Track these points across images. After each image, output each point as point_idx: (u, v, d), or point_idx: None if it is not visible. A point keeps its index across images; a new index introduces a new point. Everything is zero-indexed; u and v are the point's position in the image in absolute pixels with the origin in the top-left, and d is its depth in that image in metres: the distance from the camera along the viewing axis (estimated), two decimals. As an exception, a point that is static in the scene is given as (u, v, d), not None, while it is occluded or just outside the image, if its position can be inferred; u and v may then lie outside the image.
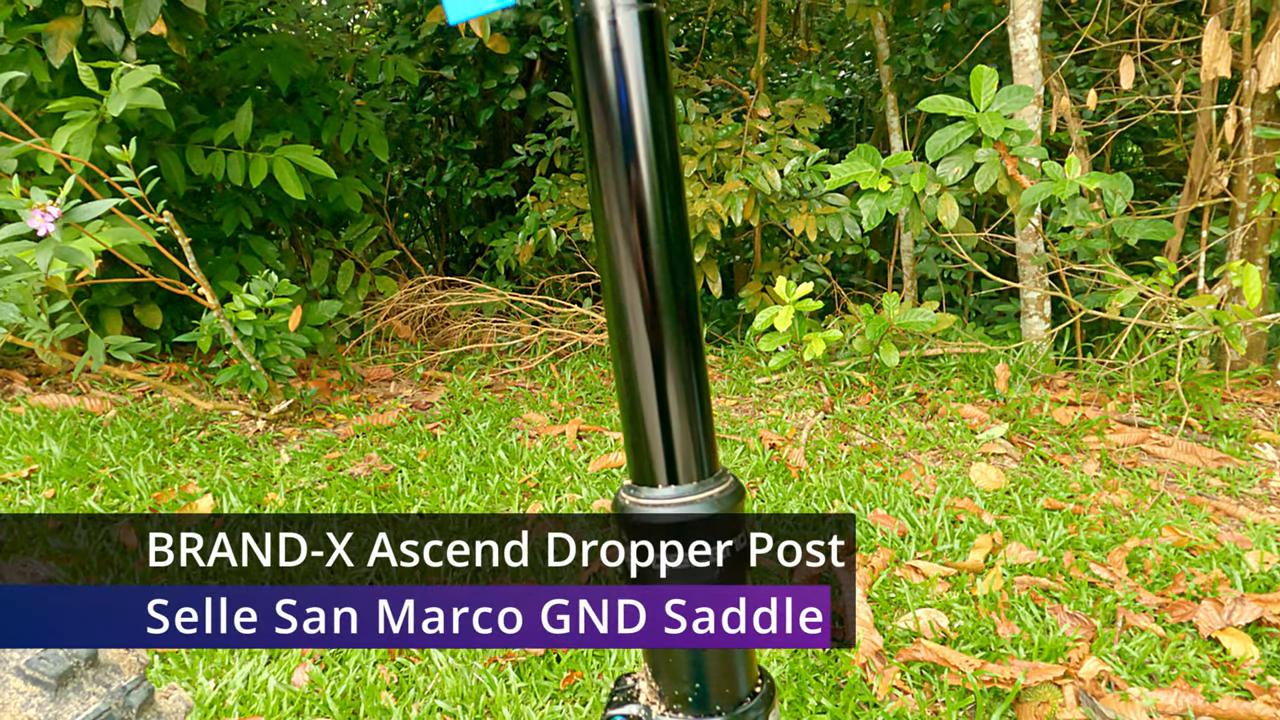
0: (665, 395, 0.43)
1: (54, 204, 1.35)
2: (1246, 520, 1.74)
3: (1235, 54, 2.43)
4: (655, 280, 0.41)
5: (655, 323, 0.41)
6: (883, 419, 2.27)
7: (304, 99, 2.91)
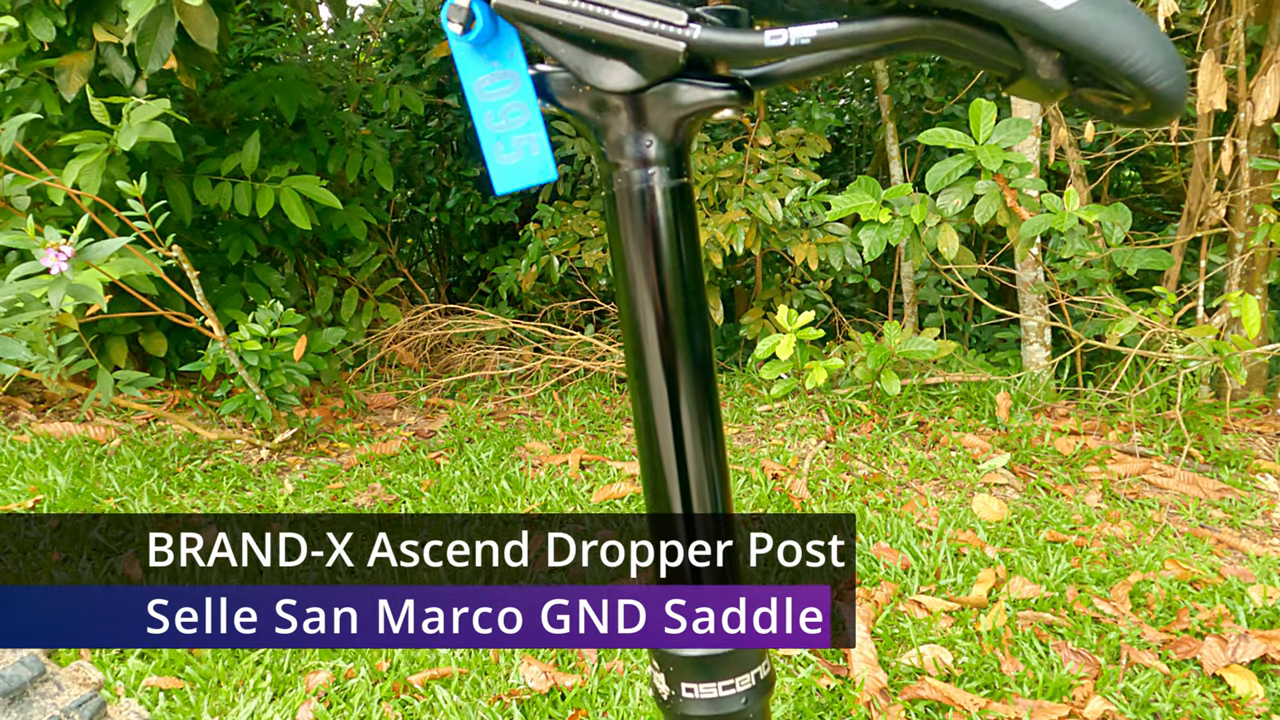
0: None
1: (67, 242, 1.37)
2: (1249, 553, 1.74)
3: (1230, 87, 2.46)
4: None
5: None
6: (885, 448, 2.28)
7: (310, 128, 2.94)
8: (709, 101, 0.39)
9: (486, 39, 0.38)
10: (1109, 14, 0.33)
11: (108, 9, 2.02)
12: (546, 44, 0.38)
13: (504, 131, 0.40)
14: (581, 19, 0.36)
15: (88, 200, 1.80)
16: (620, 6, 0.36)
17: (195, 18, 1.66)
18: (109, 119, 1.85)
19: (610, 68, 0.38)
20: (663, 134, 0.41)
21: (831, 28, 0.36)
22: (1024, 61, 0.35)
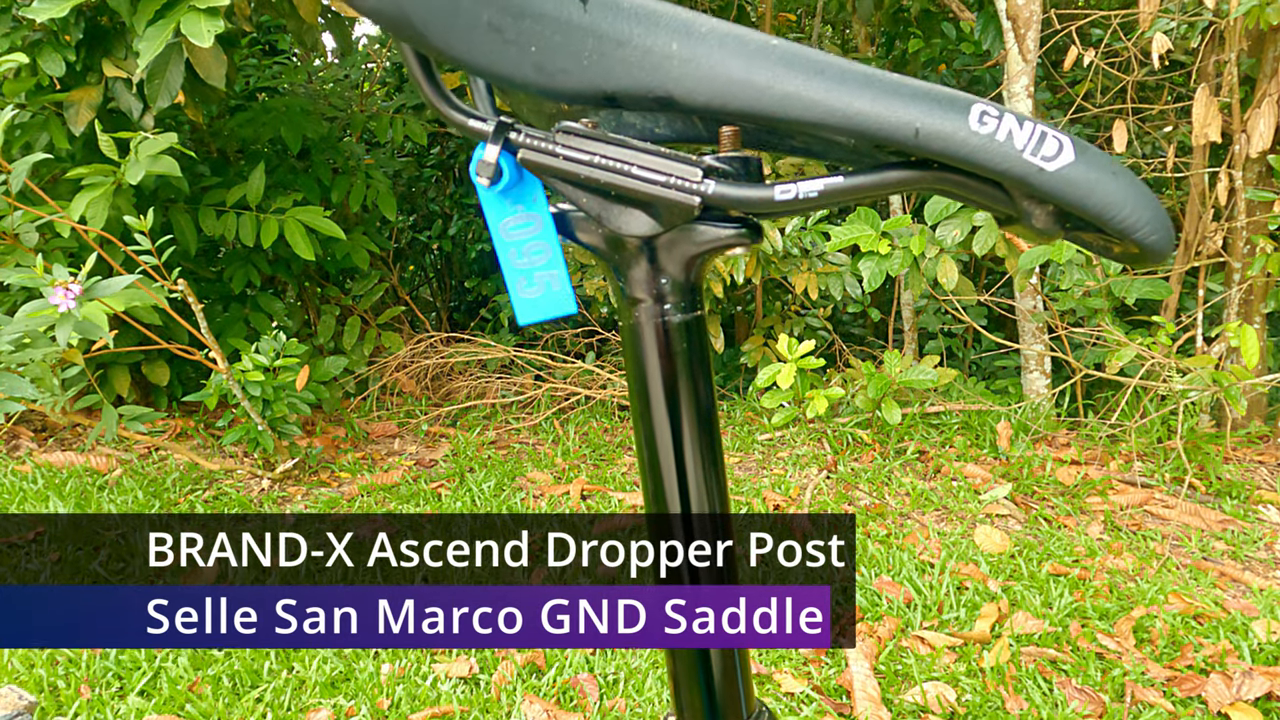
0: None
1: (75, 280, 1.38)
2: (1253, 586, 1.73)
3: (1225, 118, 2.49)
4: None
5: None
6: (886, 478, 2.28)
7: (314, 157, 2.97)
8: (720, 241, 0.41)
9: (512, 186, 0.39)
10: (1098, 174, 0.35)
11: (117, 45, 2.05)
12: (569, 193, 0.40)
13: (527, 268, 0.42)
14: (602, 174, 0.38)
15: (94, 234, 1.82)
16: (639, 163, 0.38)
17: (204, 57, 1.69)
18: (116, 153, 1.87)
19: (629, 215, 0.40)
20: (677, 272, 0.43)
21: (837, 181, 0.38)
22: (1019, 210, 0.37)
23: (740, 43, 0.36)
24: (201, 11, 1.52)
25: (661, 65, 0.36)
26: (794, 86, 0.36)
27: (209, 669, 1.45)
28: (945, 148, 0.35)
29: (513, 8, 0.32)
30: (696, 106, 0.36)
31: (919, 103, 0.36)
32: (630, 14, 0.35)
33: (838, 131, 0.36)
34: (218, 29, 1.50)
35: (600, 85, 0.36)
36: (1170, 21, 2.49)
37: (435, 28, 0.31)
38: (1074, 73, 3.39)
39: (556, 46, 0.34)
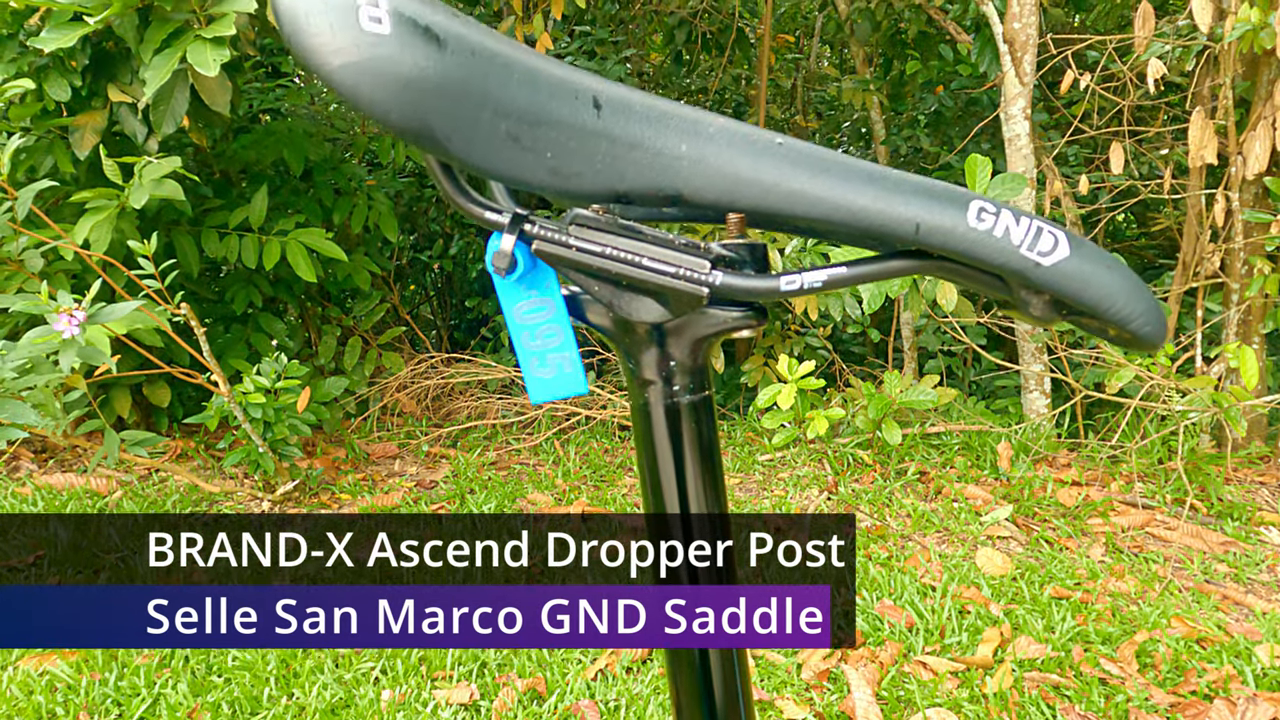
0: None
1: (79, 306, 1.39)
2: (1255, 609, 1.73)
3: (1221, 141, 2.51)
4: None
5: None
6: (887, 499, 2.28)
7: (317, 179, 2.99)
8: (728, 324, 0.43)
9: (526, 274, 0.40)
10: (1093, 267, 0.37)
11: (122, 70, 2.07)
12: (581, 281, 0.41)
13: (540, 350, 0.43)
14: (613, 264, 0.39)
15: (96, 258, 1.83)
16: (649, 255, 0.39)
17: (210, 84, 1.70)
18: (121, 177, 1.88)
19: (639, 303, 0.41)
20: (685, 355, 0.44)
21: (841, 271, 0.40)
22: (1017, 299, 0.39)
23: (747, 142, 0.37)
24: (208, 41, 1.54)
25: (671, 166, 0.37)
26: (800, 184, 0.37)
27: (209, 695, 1.44)
28: (945, 243, 0.37)
29: (530, 117, 0.33)
30: (705, 204, 0.38)
31: (920, 199, 0.37)
32: (642, 116, 0.36)
33: (842, 227, 0.38)
34: (224, 58, 1.52)
35: (613, 186, 0.37)
36: (1165, 46, 2.52)
37: (457, 140, 0.32)
38: (1071, 93, 3.42)
39: (571, 151, 0.35)
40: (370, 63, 0.30)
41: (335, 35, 0.29)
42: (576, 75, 0.35)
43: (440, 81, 0.31)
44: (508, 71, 0.33)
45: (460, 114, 0.32)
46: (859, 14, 3.46)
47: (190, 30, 1.64)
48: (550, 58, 0.36)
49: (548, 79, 0.34)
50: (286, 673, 1.50)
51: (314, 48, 0.30)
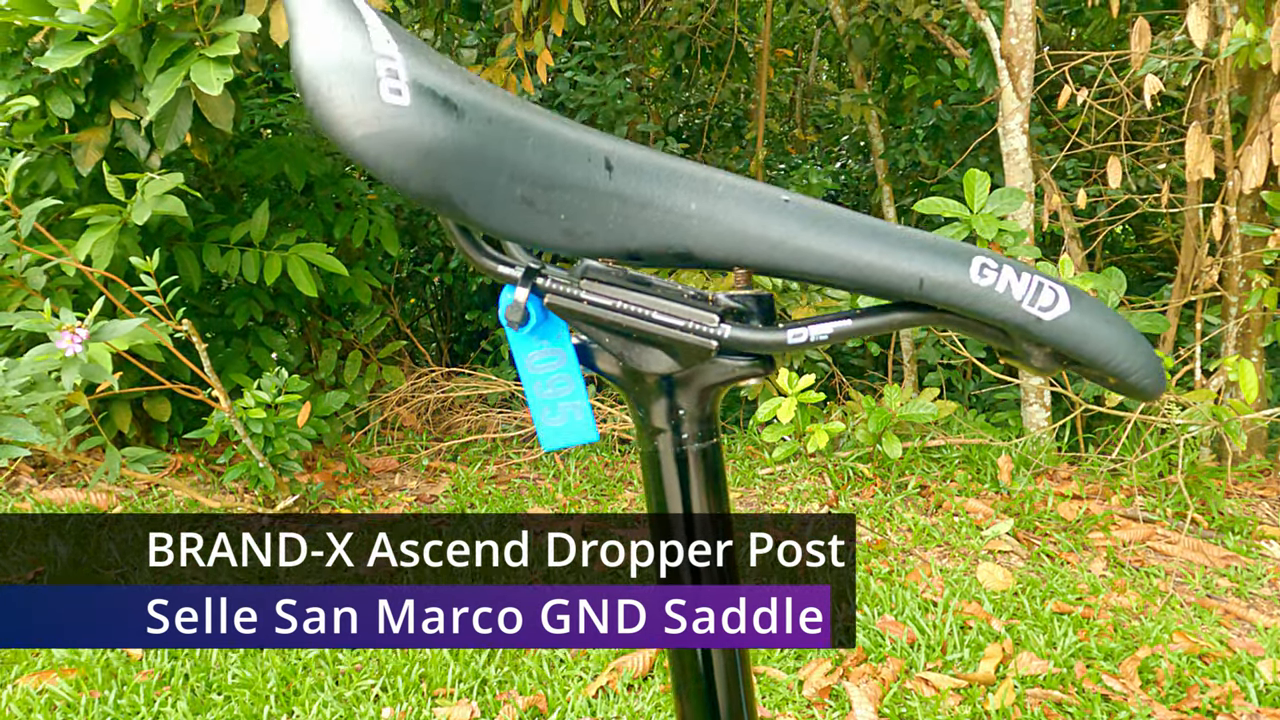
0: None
1: (82, 324, 1.39)
2: (1258, 625, 1.73)
3: (1218, 155, 2.52)
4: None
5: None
6: (888, 513, 2.27)
7: (317, 193, 3.00)
8: (736, 374, 0.44)
9: (538, 326, 0.41)
10: (1092, 321, 0.38)
11: (125, 87, 2.08)
12: (592, 333, 0.42)
13: (552, 399, 0.44)
14: (624, 318, 0.40)
15: (98, 274, 1.83)
16: (659, 309, 0.40)
17: (213, 102, 1.71)
18: (123, 194, 1.89)
19: (649, 354, 0.42)
20: (694, 404, 0.44)
21: (846, 324, 0.41)
22: (1019, 351, 0.40)
23: (755, 200, 0.39)
24: (211, 60, 1.55)
25: (681, 224, 0.38)
26: (806, 241, 0.38)
27: (208, 713, 1.43)
28: (948, 298, 0.38)
29: (544, 180, 0.34)
30: (715, 260, 0.39)
31: (923, 255, 0.38)
32: (652, 176, 0.37)
33: (848, 282, 0.39)
34: (227, 77, 1.53)
35: (625, 245, 0.38)
36: (1162, 61, 2.54)
37: (474, 206, 0.33)
38: (1069, 108, 3.44)
39: (584, 212, 0.36)
40: (391, 134, 0.30)
41: (357, 107, 0.30)
42: (589, 137, 0.36)
43: (458, 150, 0.32)
44: (523, 136, 0.34)
45: (477, 180, 0.32)
46: (857, 29, 3.48)
47: (194, 49, 1.66)
48: (563, 119, 0.37)
49: (561, 142, 0.35)
50: (286, 690, 1.49)
51: (336, 119, 0.30)
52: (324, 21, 0.32)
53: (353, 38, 0.31)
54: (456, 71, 0.34)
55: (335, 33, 0.31)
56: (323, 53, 0.31)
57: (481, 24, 3.75)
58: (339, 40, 0.31)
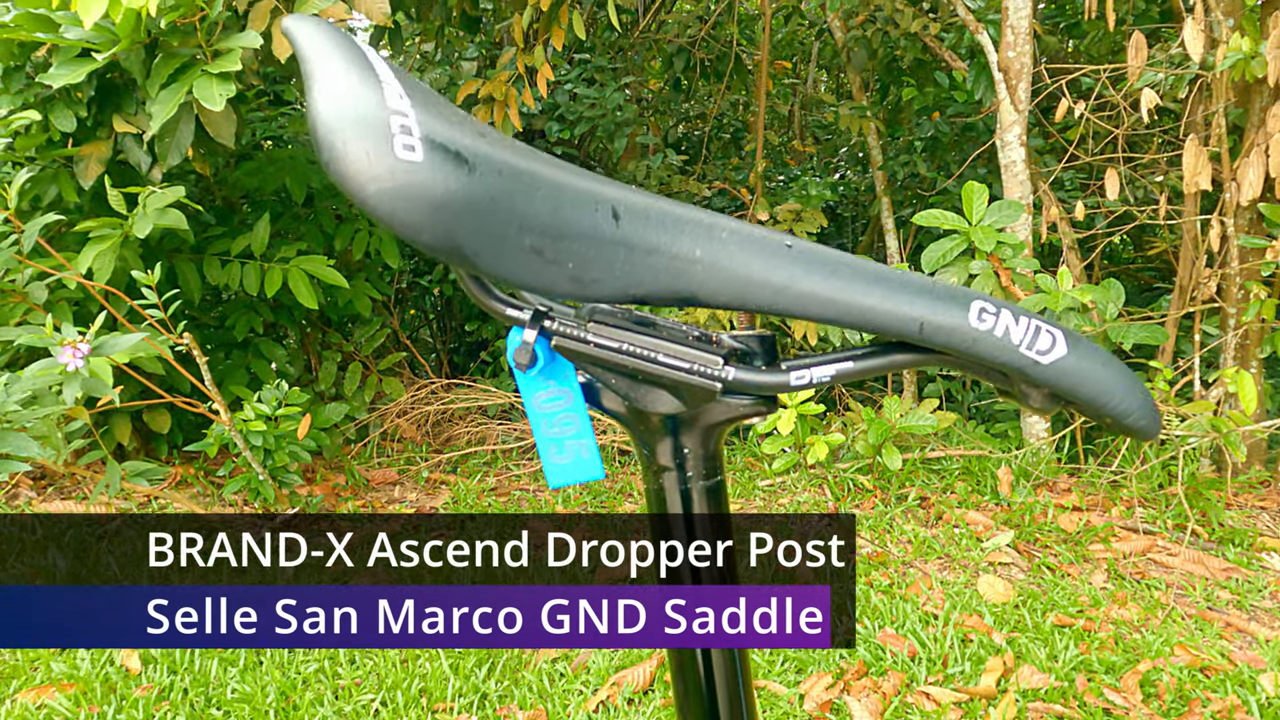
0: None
1: (84, 339, 1.39)
2: (1259, 637, 1.72)
3: (1215, 167, 2.53)
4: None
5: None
6: (888, 525, 2.27)
7: (318, 205, 3.01)
8: (739, 412, 0.44)
9: (545, 366, 0.41)
10: (1089, 364, 0.39)
11: (127, 100, 2.09)
12: (598, 375, 0.42)
13: (558, 438, 0.44)
14: (630, 360, 0.41)
15: (99, 288, 1.84)
16: (664, 351, 0.41)
17: (215, 117, 1.72)
18: (125, 207, 1.90)
19: (654, 395, 0.43)
20: (698, 443, 0.45)
21: (848, 366, 0.42)
22: (1018, 391, 0.41)
23: (758, 246, 0.39)
24: (214, 76, 1.56)
25: (686, 270, 0.38)
26: (809, 286, 0.39)
27: (207, 729, 1.43)
28: (948, 341, 0.39)
29: (552, 230, 0.35)
30: (719, 305, 0.40)
31: (923, 299, 0.39)
32: (658, 223, 0.38)
33: (850, 325, 0.40)
34: (230, 93, 1.54)
35: (631, 291, 0.38)
36: (1158, 74, 2.55)
37: (484, 257, 0.33)
38: (1066, 119, 3.46)
39: (591, 260, 0.36)
40: (404, 189, 0.31)
41: (371, 163, 0.31)
42: (597, 186, 0.37)
43: (469, 203, 0.32)
44: (532, 187, 0.34)
45: (487, 232, 0.33)
46: (855, 42, 3.50)
47: (197, 65, 1.67)
48: (572, 167, 0.37)
49: (570, 192, 0.36)
50: (286, 705, 1.49)
51: (350, 175, 0.31)
52: (339, 77, 0.32)
53: (367, 94, 0.32)
54: (468, 123, 0.35)
55: (350, 88, 0.32)
56: (338, 109, 0.31)
57: (481, 37, 3.77)
58: (354, 96, 0.31)
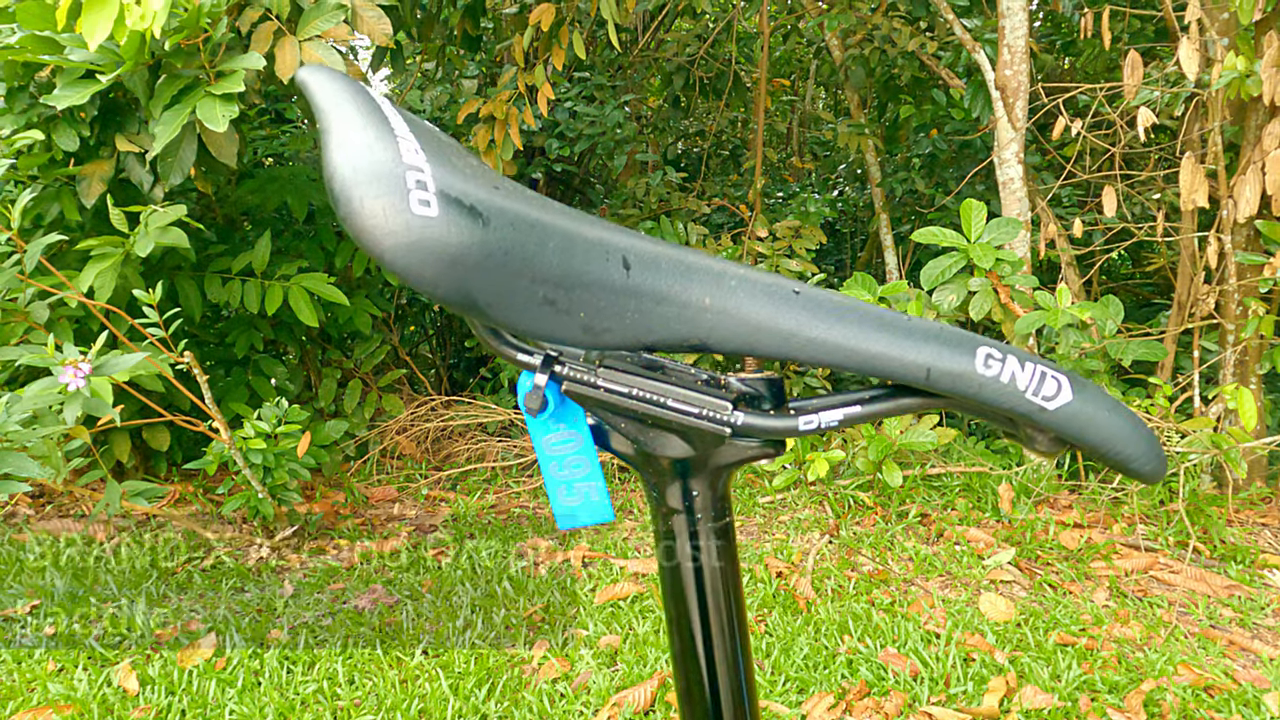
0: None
1: (85, 359, 1.39)
2: (1263, 655, 1.72)
3: (1211, 184, 2.55)
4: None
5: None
6: (889, 542, 2.27)
7: (319, 222, 3.02)
8: (747, 455, 0.45)
9: (555, 409, 0.42)
10: (1095, 410, 0.39)
11: (130, 120, 2.10)
12: (608, 419, 0.43)
13: (568, 480, 0.45)
14: (639, 405, 0.41)
15: (100, 306, 1.84)
16: (673, 396, 0.41)
17: (218, 138, 1.73)
18: (127, 225, 1.90)
19: (663, 439, 0.43)
20: (707, 486, 0.46)
21: (856, 410, 0.42)
22: (1023, 435, 0.41)
23: (766, 293, 0.40)
24: (217, 97, 1.57)
25: (696, 318, 0.39)
26: (817, 333, 0.39)
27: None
28: (954, 387, 0.39)
29: (565, 281, 0.35)
30: (728, 351, 0.40)
31: (930, 345, 0.39)
32: (668, 271, 0.38)
33: (857, 370, 0.40)
34: (232, 114, 1.55)
35: (641, 339, 0.39)
36: (1154, 93, 2.57)
37: (498, 308, 0.34)
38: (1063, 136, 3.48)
39: (603, 310, 0.37)
40: (420, 244, 0.31)
41: (388, 220, 0.31)
42: (608, 235, 0.37)
43: (483, 257, 0.33)
44: (545, 238, 0.35)
45: (501, 284, 0.33)
46: (853, 60, 3.53)
47: (200, 86, 1.68)
48: (583, 215, 0.38)
49: (581, 242, 0.36)
50: (284, 727, 1.48)
51: (367, 229, 0.31)
52: (355, 133, 0.33)
53: (382, 150, 0.32)
54: (481, 174, 0.35)
55: (366, 144, 0.32)
56: (355, 165, 0.32)
57: (482, 55, 3.80)
58: (370, 152, 0.32)
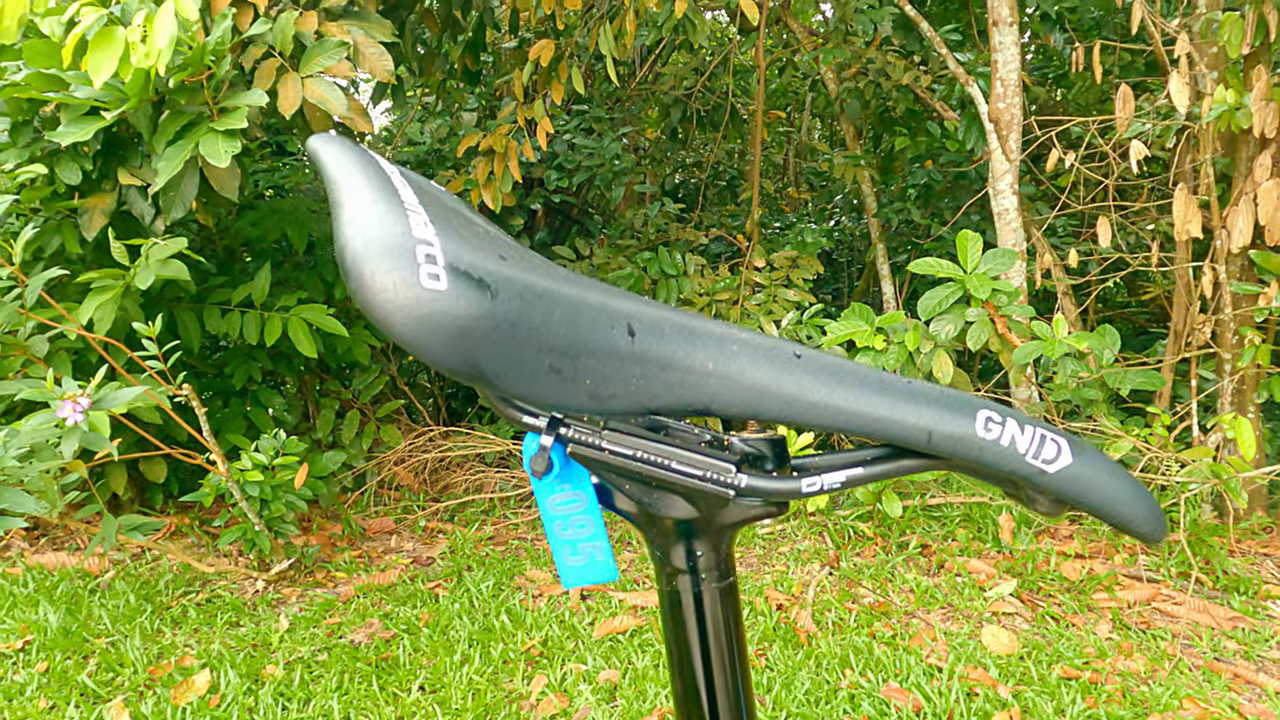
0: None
1: (84, 393, 1.39)
2: (1268, 689, 1.70)
3: (1205, 215, 2.57)
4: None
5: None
6: (890, 574, 2.25)
7: (319, 254, 3.03)
8: (750, 515, 0.45)
9: (560, 471, 0.42)
10: (1095, 472, 0.39)
11: (132, 153, 2.12)
12: (613, 480, 0.43)
13: (572, 539, 0.45)
14: (644, 467, 0.42)
15: (99, 339, 1.84)
16: (677, 459, 0.42)
17: (220, 173, 1.75)
18: (128, 258, 1.91)
19: (667, 501, 0.44)
20: (710, 546, 0.46)
21: (858, 472, 0.43)
22: (1025, 497, 0.42)
23: (768, 357, 0.40)
24: (220, 133, 1.59)
25: (700, 383, 0.39)
26: (818, 396, 0.40)
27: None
28: (955, 450, 0.40)
29: (571, 350, 0.36)
30: (732, 416, 0.40)
31: (931, 409, 0.40)
32: (672, 337, 0.39)
33: (858, 433, 0.40)
34: (235, 150, 1.57)
35: (646, 404, 0.39)
36: (1146, 125, 2.60)
37: (505, 378, 0.34)
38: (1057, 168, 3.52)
39: (608, 377, 0.37)
40: (429, 318, 0.32)
41: (398, 294, 0.32)
42: (612, 301, 0.38)
43: (491, 329, 0.33)
44: (551, 308, 0.35)
45: (508, 355, 0.34)
46: (848, 93, 3.57)
47: (203, 122, 1.70)
48: (590, 282, 0.38)
49: (587, 310, 0.37)
50: (278, 766, 1.45)
51: (378, 304, 0.32)
52: (366, 206, 0.34)
53: (393, 223, 0.33)
54: (488, 244, 0.36)
55: (377, 218, 0.33)
56: (366, 239, 0.32)
57: (482, 88, 3.84)
58: (380, 226, 0.33)
